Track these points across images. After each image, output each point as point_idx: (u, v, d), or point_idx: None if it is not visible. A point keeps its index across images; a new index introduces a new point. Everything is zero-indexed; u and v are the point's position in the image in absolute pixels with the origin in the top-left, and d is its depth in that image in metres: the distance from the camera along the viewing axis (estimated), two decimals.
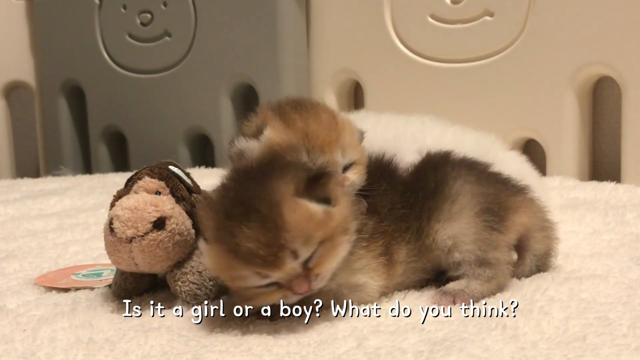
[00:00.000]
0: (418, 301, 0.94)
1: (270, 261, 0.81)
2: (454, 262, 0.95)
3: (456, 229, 0.94)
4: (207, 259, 0.87)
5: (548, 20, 1.70)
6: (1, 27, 2.35)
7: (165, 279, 1.00)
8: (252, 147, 0.95)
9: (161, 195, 0.99)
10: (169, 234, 0.96)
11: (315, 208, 0.83)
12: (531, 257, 1.01)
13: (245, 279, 0.83)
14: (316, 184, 0.84)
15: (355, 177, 0.96)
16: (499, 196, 0.96)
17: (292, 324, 0.88)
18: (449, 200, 0.94)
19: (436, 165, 0.98)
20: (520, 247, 1.01)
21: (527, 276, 1.00)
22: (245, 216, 0.80)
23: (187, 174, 1.05)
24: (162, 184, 1.00)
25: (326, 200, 0.85)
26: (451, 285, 0.94)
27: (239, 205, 0.82)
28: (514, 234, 0.97)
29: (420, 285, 0.99)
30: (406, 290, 0.97)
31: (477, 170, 0.99)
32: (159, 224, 0.95)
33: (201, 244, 0.88)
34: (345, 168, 0.96)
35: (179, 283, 0.96)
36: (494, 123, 1.75)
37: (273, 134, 0.94)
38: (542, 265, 1.02)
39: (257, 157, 0.93)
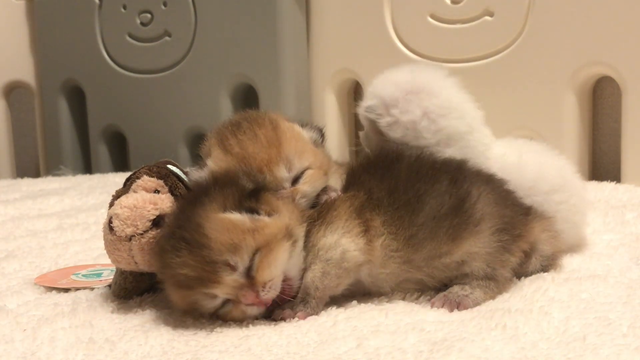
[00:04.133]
0: (418, 302, 0.94)
1: (207, 278, 0.84)
2: (460, 275, 0.95)
3: (473, 247, 0.94)
4: (169, 298, 0.91)
5: (548, 20, 1.70)
6: (1, 27, 2.35)
7: None
8: (202, 175, 0.97)
9: (160, 194, 0.99)
10: None
11: (241, 218, 0.86)
12: (537, 256, 1.01)
13: (199, 303, 0.87)
14: (248, 198, 0.88)
15: (306, 186, 0.95)
16: (514, 218, 0.97)
17: (292, 324, 0.88)
18: (472, 222, 0.94)
19: (455, 179, 0.96)
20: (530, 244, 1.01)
21: (529, 275, 1.00)
22: (176, 247, 0.85)
23: (186, 173, 1.05)
24: (161, 182, 1.00)
25: (255, 211, 0.87)
26: (455, 290, 0.94)
27: (170, 239, 0.86)
28: (518, 257, 0.98)
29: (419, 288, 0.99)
30: (406, 291, 0.97)
31: (495, 187, 1.00)
32: (159, 222, 0.96)
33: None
34: (298, 177, 0.96)
35: None
36: (493, 123, 1.74)
37: (214, 164, 0.96)
38: (548, 265, 1.02)
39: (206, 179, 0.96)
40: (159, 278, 0.92)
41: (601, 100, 1.79)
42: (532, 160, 1.12)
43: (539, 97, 1.72)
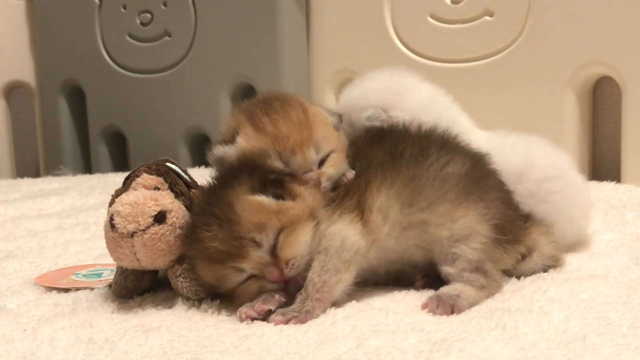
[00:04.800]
0: (418, 301, 0.94)
1: (234, 253, 0.88)
2: (453, 254, 0.94)
3: (476, 227, 0.95)
4: (199, 274, 0.94)
5: (548, 20, 1.70)
6: (1, 27, 2.35)
7: (165, 277, 1.00)
8: (229, 152, 0.98)
9: (160, 191, 0.99)
10: (170, 227, 0.96)
11: (267, 200, 0.90)
12: (539, 255, 1.01)
13: (226, 278, 0.91)
14: (273, 184, 0.92)
15: (331, 169, 0.97)
16: (514, 222, 0.99)
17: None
18: (483, 202, 0.96)
19: (477, 159, 1.01)
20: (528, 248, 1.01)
21: (530, 275, 1.00)
22: (206, 222, 0.90)
23: (184, 170, 1.05)
24: (161, 179, 1.01)
25: (281, 196, 0.91)
26: (446, 290, 0.93)
27: (202, 215, 0.91)
28: (512, 259, 0.99)
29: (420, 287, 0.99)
30: (406, 291, 0.97)
31: (504, 189, 1.03)
32: (160, 217, 0.96)
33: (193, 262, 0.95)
34: (323, 160, 0.97)
35: (180, 279, 0.96)
36: (493, 123, 1.74)
37: (245, 141, 0.97)
38: (550, 265, 1.02)
39: (234, 161, 0.97)
40: (190, 255, 0.94)
41: (601, 100, 1.79)
42: (519, 146, 1.14)
43: (539, 97, 1.72)
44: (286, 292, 0.91)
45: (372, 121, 1.08)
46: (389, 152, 0.98)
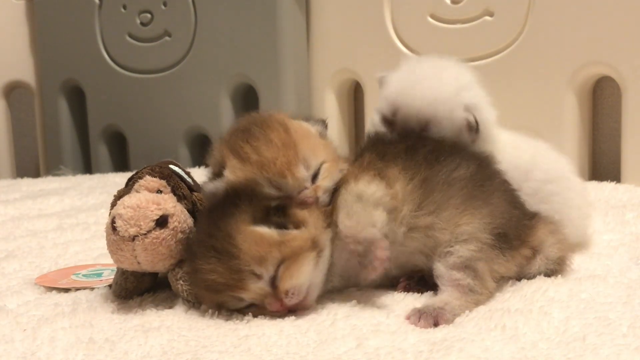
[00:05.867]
0: (417, 302, 0.94)
1: (233, 285, 0.88)
2: (447, 252, 0.94)
3: (477, 234, 0.94)
4: (199, 299, 0.95)
5: (548, 20, 1.70)
6: (1, 27, 2.35)
7: (165, 278, 1.00)
8: (218, 186, 0.97)
9: (163, 194, 0.99)
10: (172, 231, 0.96)
11: (269, 232, 0.89)
12: (542, 258, 1.00)
13: (227, 303, 0.91)
14: (275, 211, 0.91)
15: (326, 181, 0.96)
16: (520, 222, 0.98)
17: (291, 323, 0.88)
18: (487, 209, 0.96)
19: (481, 160, 1.01)
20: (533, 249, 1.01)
21: (532, 277, 0.99)
22: (205, 254, 0.89)
23: (188, 173, 1.05)
24: (163, 182, 1.01)
25: (284, 225, 0.90)
26: (430, 302, 0.91)
27: (201, 246, 0.91)
28: (515, 265, 0.98)
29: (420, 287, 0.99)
30: (405, 293, 0.97)
31: (510, 189, 1.03)
32: (162, 222, 0.95)
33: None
34: (316, 174, 0.96)
35: (181, 282, 0.96)
36: None
37: (232, 174, 0.96)
38: (554, 270, 1.00)
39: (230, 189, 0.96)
40: (190, 281, 0.94)
41: (601, 100, 1.79)
42: (527, 145, 1.15)
43: (539, 97, 1.72)
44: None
45: (474, 127, 1.07)
46: (405, 148, 0.99)
